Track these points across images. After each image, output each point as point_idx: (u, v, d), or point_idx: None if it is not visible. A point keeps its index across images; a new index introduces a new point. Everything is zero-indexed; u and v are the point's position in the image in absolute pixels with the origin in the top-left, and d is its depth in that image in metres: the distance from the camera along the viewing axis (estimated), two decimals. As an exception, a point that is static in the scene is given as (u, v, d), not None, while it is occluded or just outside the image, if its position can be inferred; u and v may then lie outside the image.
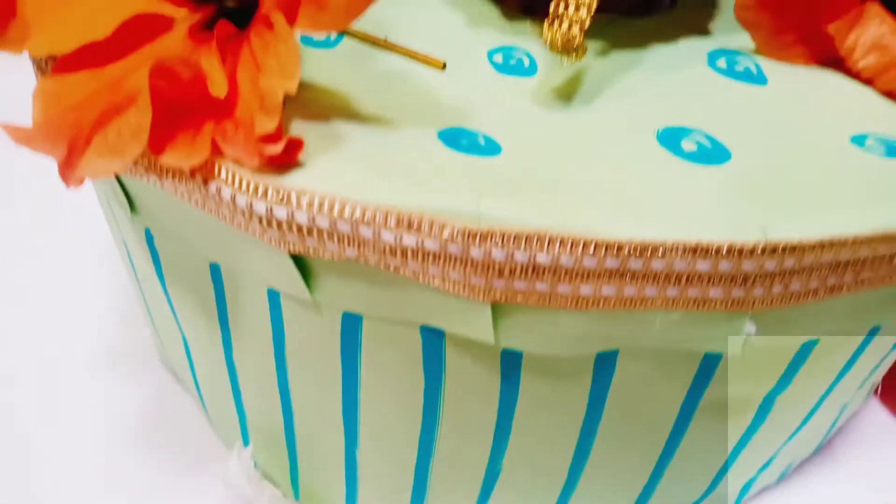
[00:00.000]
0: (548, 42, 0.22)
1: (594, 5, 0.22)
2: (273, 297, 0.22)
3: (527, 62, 0.25)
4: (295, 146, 0.18)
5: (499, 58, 0.25)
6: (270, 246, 0.20)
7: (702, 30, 0.28)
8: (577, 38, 0.22)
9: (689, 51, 0.26)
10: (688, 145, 0.22)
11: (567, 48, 0.22)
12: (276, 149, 0.18)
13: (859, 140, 0.23)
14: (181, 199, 0.20)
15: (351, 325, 0.21)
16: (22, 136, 0.20)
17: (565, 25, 0.22)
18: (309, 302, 0.21)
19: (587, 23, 0.22)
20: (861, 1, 0.26)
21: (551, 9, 0.22)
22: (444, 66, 0.24)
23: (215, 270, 0.23)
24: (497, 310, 0.19)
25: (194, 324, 0.26)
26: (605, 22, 0.27)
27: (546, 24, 0.22)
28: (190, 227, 0.22)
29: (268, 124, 0.18)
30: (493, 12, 0.28)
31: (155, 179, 0.20)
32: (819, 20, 0.26)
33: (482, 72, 0.25)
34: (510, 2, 0.28)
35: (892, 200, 0.20)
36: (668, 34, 0.27)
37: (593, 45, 0.26)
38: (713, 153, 0.22)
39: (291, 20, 0.19)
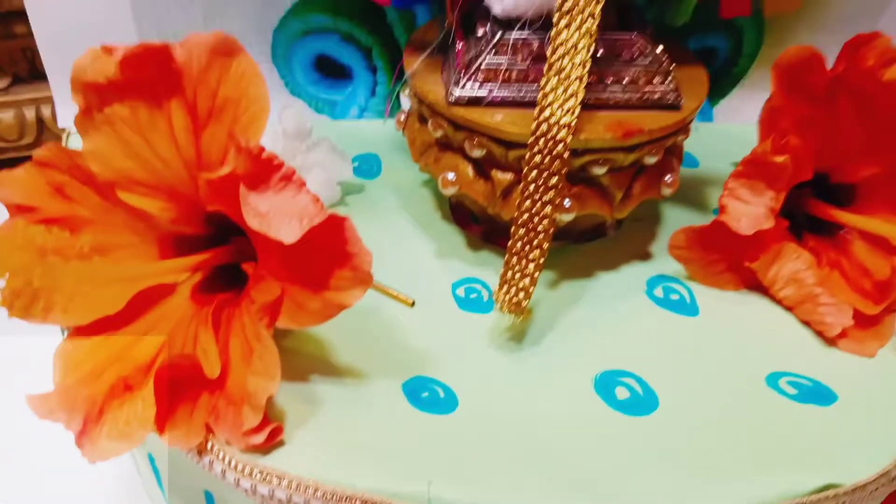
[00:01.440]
0: (497, 304, 0.26)
1: (537, 276, 0.25)
2: (259, 525, 0.25)
3: (486, 296, 0.29)
4: (275, 432, 0.22)
5: (461, 291, 0.29)
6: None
7: (643, 253, 0.31)
8: (523, 304, 0.25)
9: (631, 278, 0.30)
10: (621, 392, 0.25)
11: (513, 311, 0.25)
12: (260, 438, 0.21)
13: (774, 381, 0.26)
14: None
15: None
16: (44, 410, 0.23)
17: (513, 291, 0.25)
18: (289, 538, 0.24)
19: (531, 290, 0.25)
20: (779, 239, 0.29)
21: (501, 272, 0.26)
22: (413, 303, 0.28)
23: (209, 496, 0.26)
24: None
25: (190, 527, 0.29)
26: (558, 249, 0.31)
27: (496, 287, 0.26)
28: (186, 466, 0.25)
29: (253, 420, 0.21)
30: (459, 239, 0.31)
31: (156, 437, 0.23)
32: (744, 256, 0.29)
33: (446, 308, 0.28)
34: (473, 230, 0.31)
35: (791, 464, 0.23)
36: (613, 259, 0.31)
37: (545, 276, 0.30)
38: (643, 402, 0.25)
39: (274, 317, 0.22)
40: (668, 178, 0.28)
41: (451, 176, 0.27)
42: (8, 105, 0.59)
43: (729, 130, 0.40)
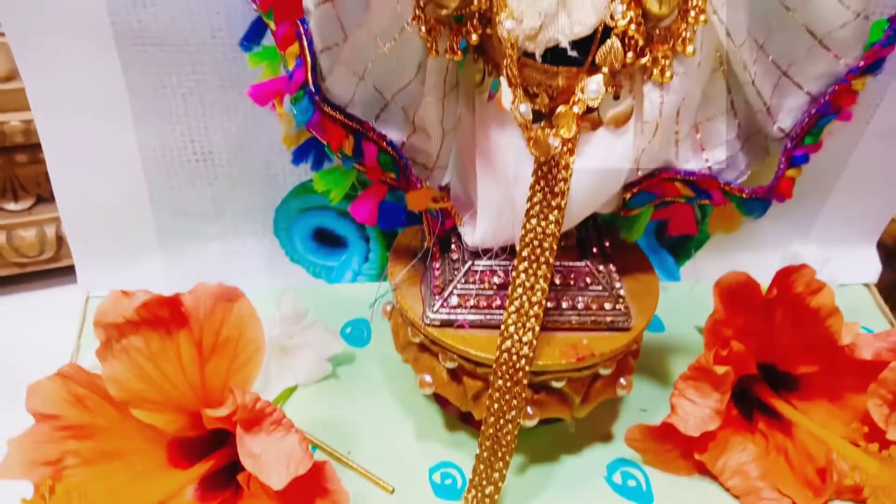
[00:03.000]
0: (469, 509, 0.29)
1: (501, 485, 0.28)
2: None
3: (459, 483, 0.32)
4: None
5: (437, 477, 0.32)
6: None
7: (604, 434, 0.34)
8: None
9: (591, 462, 0.33)
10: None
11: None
12: None
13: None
14: None
15: None
16: None
17: (479, 496, 0.28)
18: None
19: (497, 497, 0.28)
20: (727, 427, 0.32)
21: (470, 477, 0.29)
22: (393, 491, 0.31)
23: None
24: None
25: None
26: (528, 430, 0.34)
27: (466, 490, 0.29)
28: None
29: None
30: (437, 418, 0.35)
31: None
32: (694, 447, 0.32)
33: (423, 495, 0.31)
34: (450, 409, 0.35)
35: None
36: (576, 441, 0.34)
37: (515, 459, 0.33)
38: None
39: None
40: (622, 381, 0.31)
41: (427, 378, 0.31)
42: (31, 224, 0.63)
43: (693, 291, 0.43)
